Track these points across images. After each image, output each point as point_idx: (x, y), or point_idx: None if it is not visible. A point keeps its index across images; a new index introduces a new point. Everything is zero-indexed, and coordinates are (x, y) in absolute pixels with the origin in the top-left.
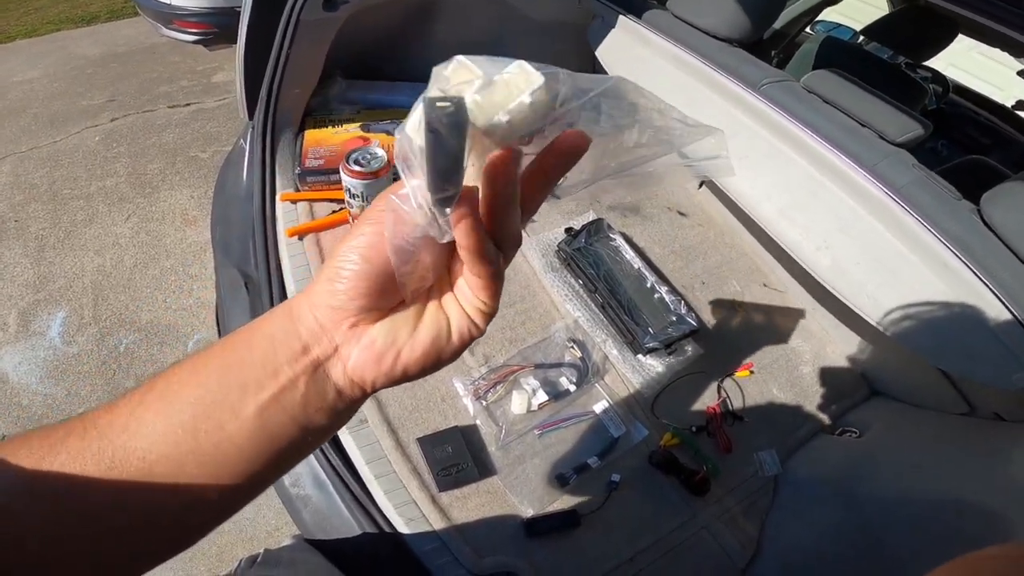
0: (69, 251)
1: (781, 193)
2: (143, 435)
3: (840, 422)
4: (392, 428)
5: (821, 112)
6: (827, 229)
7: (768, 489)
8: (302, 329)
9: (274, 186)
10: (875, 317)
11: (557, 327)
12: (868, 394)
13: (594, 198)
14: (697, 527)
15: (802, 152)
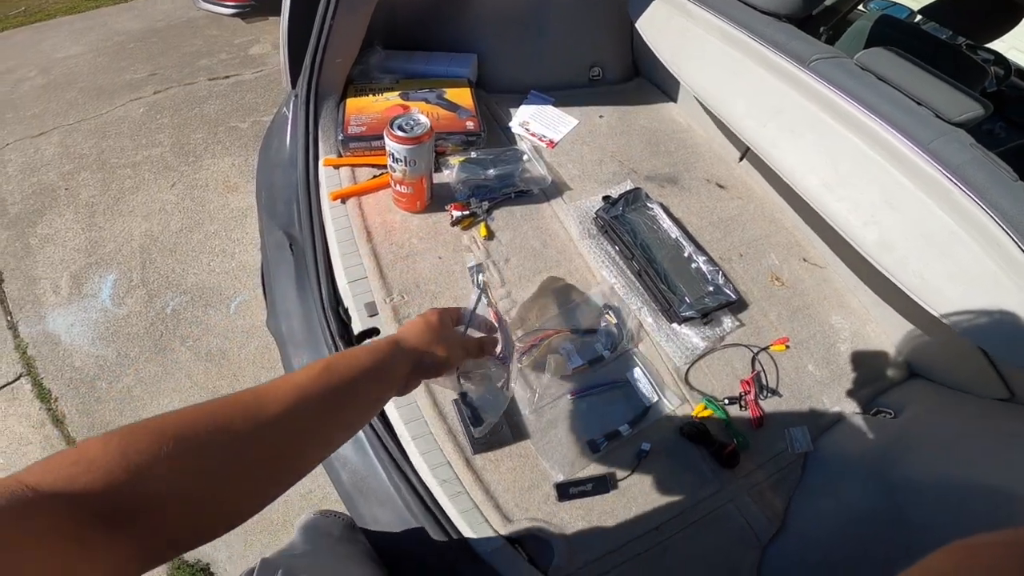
0: (118, 217)
1: (827, 167)
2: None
3: (875, 402)
4: (430, 389)
5: (874, 89)
6: (875, 203)
7: (797, 466)
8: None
9: (317, 152)
10: (920, 295)
11: (593, 292)
12: (906, 375)
13: (631, 168)
14: (724, 500)
15: (852, 128)
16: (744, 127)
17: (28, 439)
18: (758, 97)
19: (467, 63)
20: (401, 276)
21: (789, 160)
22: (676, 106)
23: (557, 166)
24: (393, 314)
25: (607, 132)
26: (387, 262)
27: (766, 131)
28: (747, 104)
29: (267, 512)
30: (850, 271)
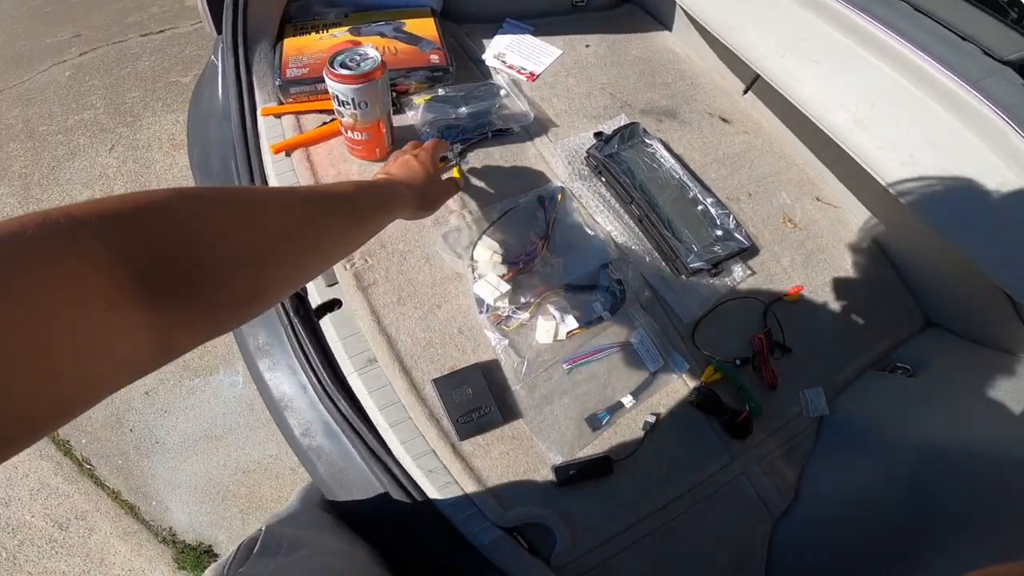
0: (56, 186)
1: (859, 102)
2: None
3: (893, 356)
4: (405, 368)
5: (913, 20)
6: (915, 143)
7: (812, 431)
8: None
9: (253, 101)
10: (953, 239)
11: (591, 243)
12: (923, 325)
13: (625, 101)
14: (735, 472)
15: (889, 60)
16: (758, 57)
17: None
18: (774, 25)
19: None
20: None
21: (810, 92)
22: (671, 35)
23: (540, 100)
24: (355, 281)
25: (595, 63)
26: None
27: (785, 62)
28: (762, 35)
29: (258, 489)
30: (866, 210)
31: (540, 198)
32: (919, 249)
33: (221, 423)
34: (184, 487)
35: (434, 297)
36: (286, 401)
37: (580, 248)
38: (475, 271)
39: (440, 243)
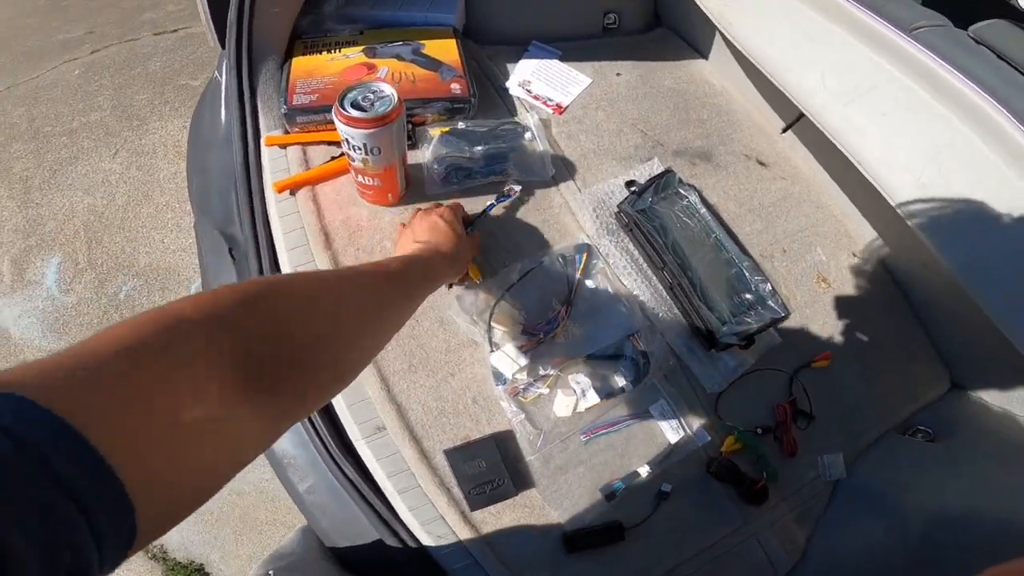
0: (57, 191)
1: (927, 164)
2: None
3: (914, 419)
4: (415, 437)
5: (996, 69)
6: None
7: (826, 493)
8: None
9: (257, 129)
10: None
11: (615, 310)
12: (947, 387)
13: (657, 140)
14: (746, 535)
15: (969, 118)
16: (815, 104)
17: None
18: (840, 69)
19: (451, 7)
20: None
21: (875, 152)
22: (707, 64)
23: (567, 138)
24: None
25: (627, 94)
26: None
27: (847, 111)
28: (823, 77)
29: (253, 512)
30: (904, 268)
31: (563, 257)
32: (951, 311)
33: None
34: None
35: (448, 365)
36: (288, 459)
37: (604, 315)
38: (492, 340)
39: (455, 306)
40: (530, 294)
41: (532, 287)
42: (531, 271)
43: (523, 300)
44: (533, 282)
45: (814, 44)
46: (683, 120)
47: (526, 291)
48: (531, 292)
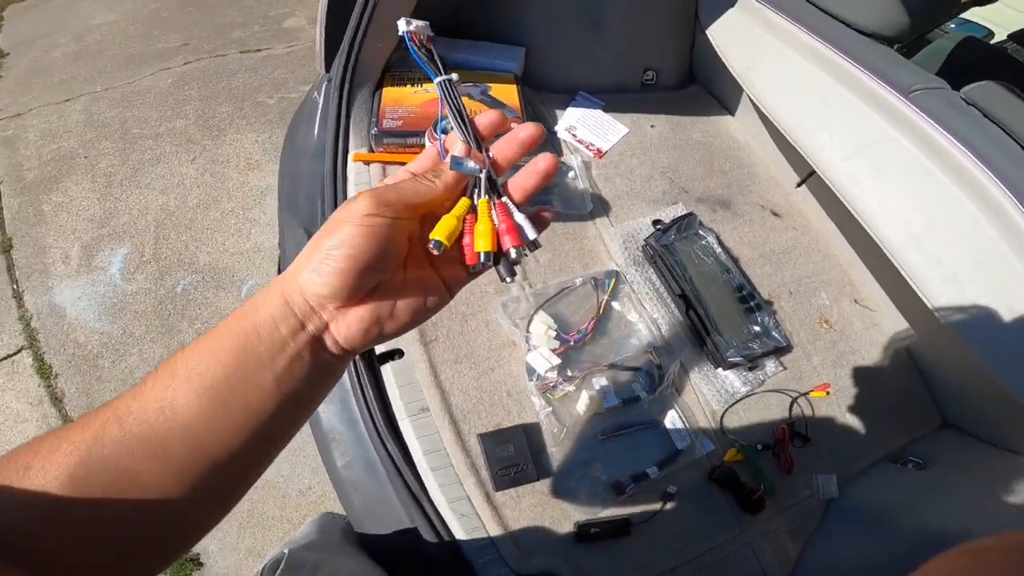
0: (135, 189)
1: (916, 217)
2: (180, 415)
3: (906, 451)
4: (454, 420)
5: (981, 129)
6: (961, 261)
7: (819, 512)
8: (296, 309)
9: (347, 145)
10: (983, 355)
11: (639, 328)
12: (939, 424)
13: (683, 188)
14: (743, 543)
15: (955, 176)
16: (823, 160)
17: (24, 416)
18: (846, 128)
19: (515, 56)
20: None
21: (871, 204)
22: (734, 120)
23: (604, 180)
24: (419, 336)
25: (659, 144)
26: None
27: (850, 167)
28: (831, 135)
29: (261, 506)
30: (901, 315)
31: (595, 280)
32: (945, 357)
33: None
34: None
35: (489, 360)
36: (335, 433)
37: (627, 331)
38: (529, 342)
39: (499, 311)
40: (564, 307)
41: (566, 301)
42: (566, 288)
43: (558, 311)
44: (567, 298)
45: (825, 105)
46: (708, 170)
47: (561, 304)
48: (565, 306)
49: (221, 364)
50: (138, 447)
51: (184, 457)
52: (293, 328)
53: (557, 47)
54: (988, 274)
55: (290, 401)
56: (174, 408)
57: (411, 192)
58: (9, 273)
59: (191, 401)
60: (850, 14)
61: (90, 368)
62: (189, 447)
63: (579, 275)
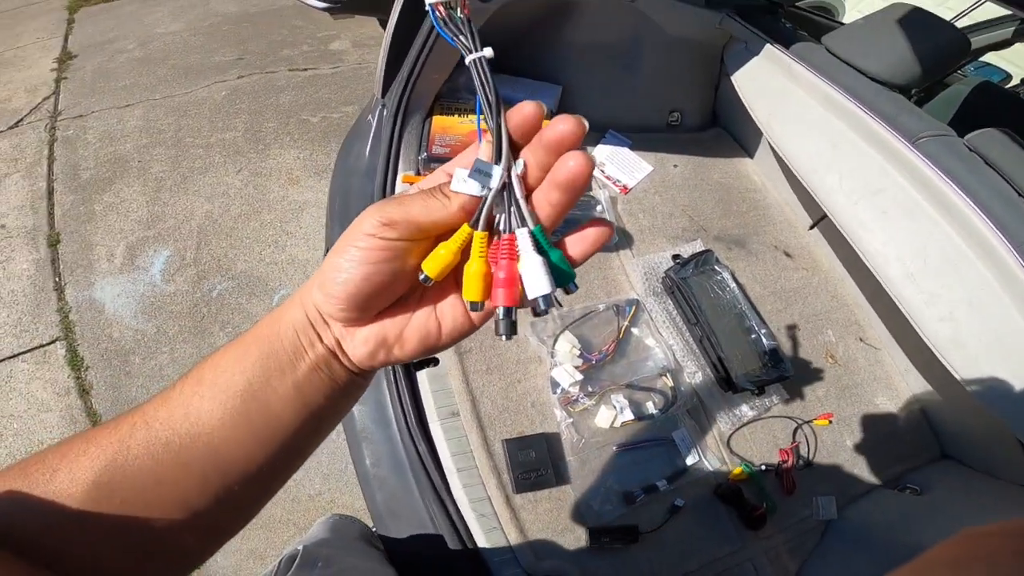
0: (183, 195)
1: (915, 257)
2: (204, 422)
3: (905, 479)
4: (482, 425)
5: (980, 175)
6: (955, 301)
7: (818, 532)
8: (312, 321)
9: (396, 167)
10: (978, 392)
11: (656, 352)
12: (938, 455)
13: (701, 226)
14: (744, 558)
15: (951, 218)
16: (832, 202)
17: (49, 406)
18: (856, 173)
19: (552, 94)
20: None
21: (875, 244)
22: (752, 162)
23: (628, 215)
24: (455, 347)
25: (680, 183)
26: None
27: (856, 209)
28: (841, 179)
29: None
30: (904, 354)
31: (617, 307)
32: (945, 392)
33: None
34: None
35: (517, 372)
36: (367, 432)
37: (644, 355)
38: (554, 358)
39: (528, 328)
40: (588, 330)
41: (590, 324)
42: (591, 312)
43: (582, 333)
44: (591, 321)
45: (837, 151)
46: (726, 211)
47: (585, 327)
48: (589, 328)
49: (244, 372)
50: (163, 453)
51: (207, 465)
52: (311, 339)
53: (591, 87)
54: (982, 314)
55: (311, 412)
56: (199, 415)
57: (419, 211)
58: (53, 266)
59: (214, 408)
60: (867, 63)
61: (121, 363)
62: (212, 455)
63: (602, 301)
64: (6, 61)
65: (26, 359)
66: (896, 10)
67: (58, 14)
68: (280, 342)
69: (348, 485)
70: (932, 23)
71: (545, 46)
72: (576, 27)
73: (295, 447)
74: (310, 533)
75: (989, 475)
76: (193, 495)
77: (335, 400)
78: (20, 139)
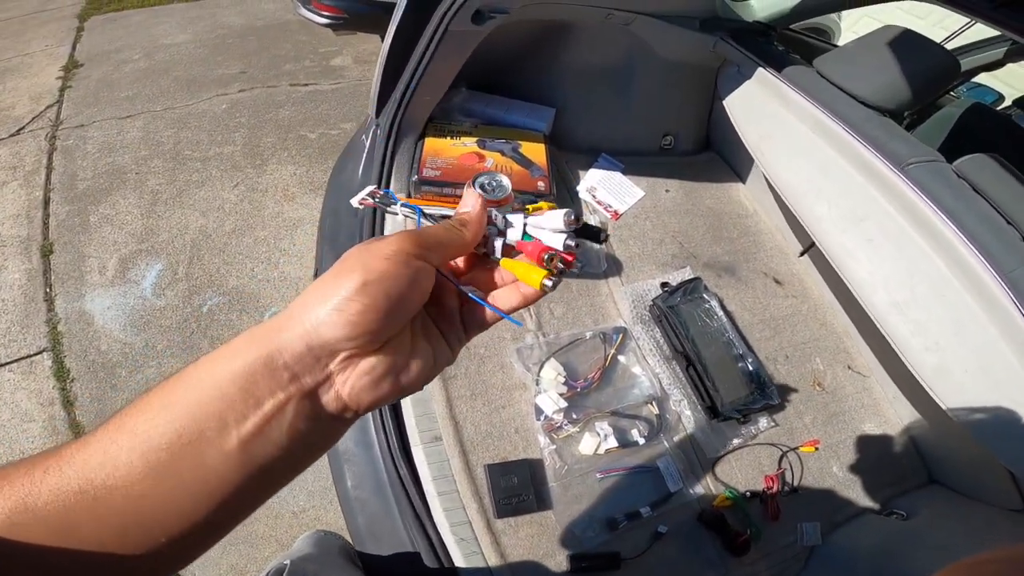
0: (178, 208)
1: (901, 286)
2: (122, 474)
3: (890, 504)
4: (464, 450)
5: (967, 202)
6: (941, 330)
7: (803, 558)
8: (288, 358)
9: (388, 188)
10: (964, 419)
11: (641, 379)
12: (925, 481)
13: (691, 252)
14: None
15: (937, 246)
16: (820, 230)
17: (33, 416)
18: (843, 200)
19: (545, 116)
20: None
21: (861, 273)
22: (744, 187)
23: (619, 241)
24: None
25: (672, 208)
26: None
27: (844, 237)
28: (830, 206)
29: (251, 525)
30: (892, 382)
31: (604, 335)
32: (932, 420)
33: None
34: None
35: (501, 399)
36: (349, 455)
37: (630, 383)
38: (539, 385)
39: (514, 355)
40: (574, 357)
41: (576, 352)
42: (577, 340)
43: (568, 360)
44: (578, 348)
45: (826, 177)
46: (716, 237)
47: (571, 354)
48: (575, 355)
49: (172, 423)
50: (75, 502)
51: (127, 519)
52: (278, 381)
53: (585, 110)
54: (967, 343)
55: (259, 470)
56: (116, 466)
57: (448, 239)
58: (45, 276)
59: (134, 461)
60: (857, 87)
61: (107, 376)
62: (131, 510)
63: (590, 329)
64: (13, 67)
65: (12, 369)
66: (887, 33)
67: (69, 22)
68: (221, 394)
69: (333, 503)
70: (922, 46)
71: (540, 68)
72: (571, 49)
73: (237, 506)
74: (295, 547)
75: (976, 500)
76: (113, 546)
77: (297, 453)
78: (20, 147)
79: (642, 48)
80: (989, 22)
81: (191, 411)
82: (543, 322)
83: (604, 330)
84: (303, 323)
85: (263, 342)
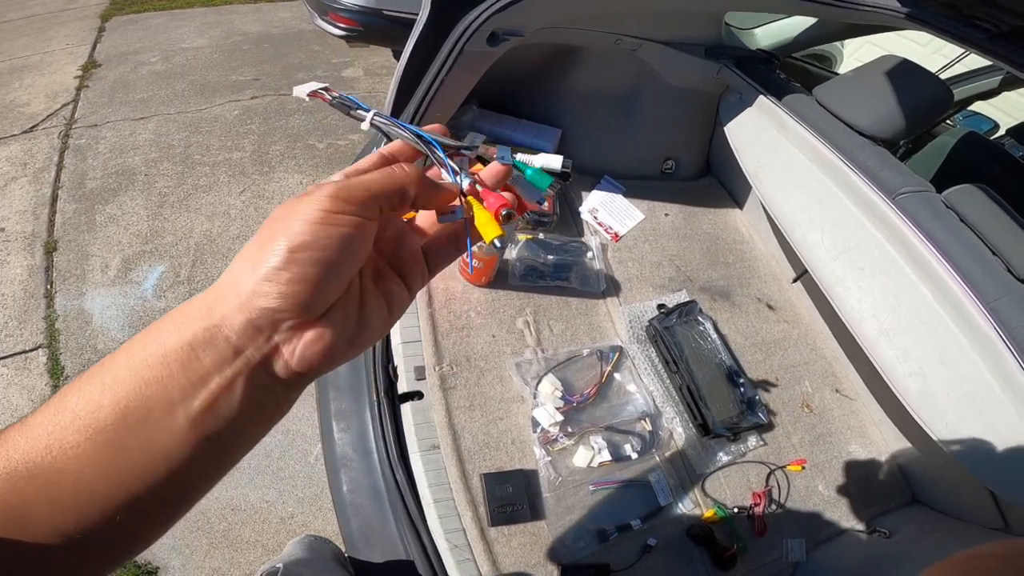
0: (184, 212)
1: (888, 314)
2: (71, 460)
3: (874, 523)
4: (461, 459)
5: (954, 232)
6: (925, 357)
7: (788, 573)
8: (229, 332)
9: None
10: (947, 442)
11: (636, 396)
12: (909, 500)
13: (688, 276)
14: None
15: (924, 275)
16: (813, 257)
17: (23, 413)
18: (836, 228)
19: (552, 137)
20: (454, 346)
21: (851, 300)
22: (741, 213)
23: (617, 263)
24: (440, 382)
25: (670, 232)
26: (443, 330)
27: (836, 265)
28: (822, 234)
29: (239, 528)
30: (879, 405)
31: (600, 352)
32: (917, 441)
33: None
34: None
35: (499, 410)
36: (347, 460)
37: (625, 399)
38: (536, 399)
39: (513, 369)
40: (571, 373)
41: (573, 368)
42: (575, 356)
43: (565, 376)
44: (575, 365)
45: (820, 205)
46: (712, 261)
47: (568, 370)
48: (572, 371)
49: (116, 403)
50: (26, 487)
51: (81, 502)
52: (222, 356)
53: (589, 133)
54: (951, 370)
55: (212, 444)
56: (62, 449)
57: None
58: (47, 273)
59: (81, 443)
60: (853, 116)
61: None
62: (84, 492)
63: (587, 346)
64: (32, 65)
65: (6, 364)
66: (884, 63)
67: (91, 22)
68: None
69: (322, 510)
70: (918, 77)
71: (548, 90)
72: (579, 73)
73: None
74: (286, 552)
75: (958, 519)
76: (69, 530)
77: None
78: (33, 144)
79: (648, 74)
80: (984, 53)
81: (136, 390)
82: (542, 338)
83: (601, 348)
84: (238, 294)
85: (202, 316)
